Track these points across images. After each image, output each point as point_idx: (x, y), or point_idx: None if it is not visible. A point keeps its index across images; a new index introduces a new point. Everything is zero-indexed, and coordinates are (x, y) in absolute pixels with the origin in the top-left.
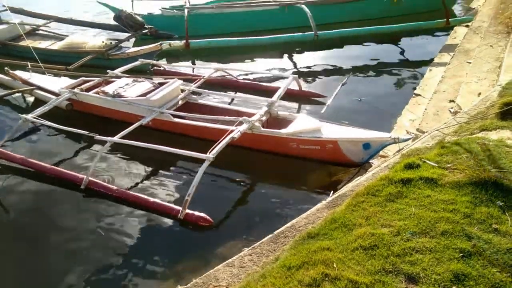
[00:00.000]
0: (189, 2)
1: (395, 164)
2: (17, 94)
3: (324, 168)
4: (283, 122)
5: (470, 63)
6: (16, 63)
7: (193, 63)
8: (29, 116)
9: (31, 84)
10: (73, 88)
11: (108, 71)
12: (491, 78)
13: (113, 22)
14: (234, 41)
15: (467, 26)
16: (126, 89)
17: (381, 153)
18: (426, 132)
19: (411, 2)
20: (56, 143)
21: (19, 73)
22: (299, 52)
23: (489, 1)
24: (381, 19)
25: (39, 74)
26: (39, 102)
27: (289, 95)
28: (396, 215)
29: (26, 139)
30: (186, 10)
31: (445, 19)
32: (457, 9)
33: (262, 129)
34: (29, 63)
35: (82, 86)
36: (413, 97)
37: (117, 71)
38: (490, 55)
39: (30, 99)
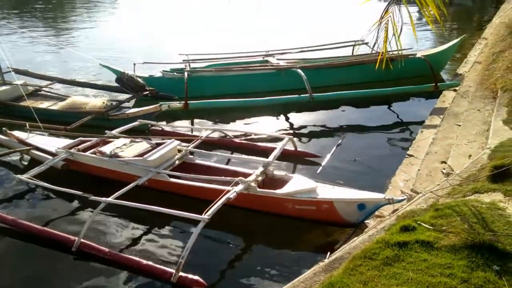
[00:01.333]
0: (189, 65)
1: (391, 226)
2: (14, 154)
3: (320, 228)
4: (279, 183)
5: (459, 125)
6: (16, 122)
7: (192, 123)
8: (24, 177)
9: (28, 144)
10: (70, 148)
11: (106, 131)
12: (480, 141)
13: (114, 84)
14: (231, 102)
15: (455, 90)
16: (124, 149)
17: (376, 213)
18: (420, 193)
19: (401, 68)
20: (50, 203)
21: (16, 133)
22: (295, 113)
23: (475, 68)
24: (373, 83)
25: (37, 134)
26: (36, 162)
27: (284, 156)
28: (394, 279)
29: (19, 200)
30: (186, 73)
31: (434, 84)
32: (445, 74)
33: (258, 189)
34: (27, 123)
35: (79, 146)
36: (406, 157)
37: (115, 132)
38: (478, 118)
39: (28, 158)
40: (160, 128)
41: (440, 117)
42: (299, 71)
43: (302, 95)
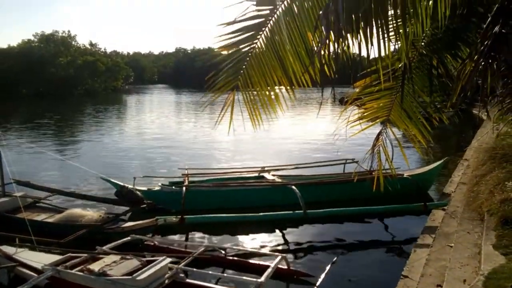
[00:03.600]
0: (187, 180)
1: None
2: (2, 270)
3: None
4: None
5: (451, 247)
6: (8, 235)
7: (187, 236)
8: None
9: (14, 260)
10: (58, 264)
11: (97, 247)
12: (473, 265)
13: (113, 197)
14: (227, 217)
15: (443, 209)
16: (113, 267)
17: None
18: None
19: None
20: None
21: (4, 247)
22: (289, 228)
23: (460, 189)
24: (364, 200)
25: (27, 248)
26: (22, 279)
27: (277, 274)
28: None
29: None
30: (184, 188)
31: (423, 203)
32: (432, 191)
33: None
34: (17, 237)
35: (68, 263)
36: (402, 278)
37: (106, 247)
38: (469, 241)
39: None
40: (153, 243)
41: (432, 237)
42: (294, 187)
43: (296, 211)
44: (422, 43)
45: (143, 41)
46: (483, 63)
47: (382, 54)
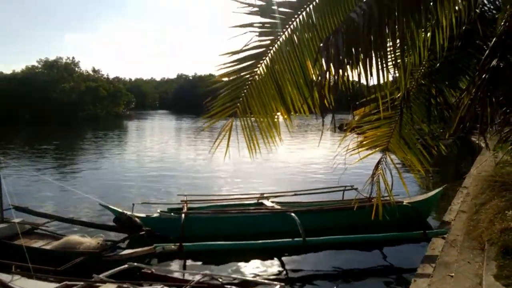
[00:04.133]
0: (186, 206)
1: None
2: None
3: None
4: None
5: (452, 277)
6: (4, 262)
7: (184, 264)
8: None
9: None
10: None
11: (93, 275)
12: None
13: (112, 223)
14: (225, 245)
15: (443, 238)
16: None
17: None
18: None
19: (389, 214)
20: None
21: (0, 275)
22: (289, 256)
23: (460, 217)
24: (363, 226)
25: (24, 276)
26: None
27: None
28: None
29: None
30: (183, 215)
31: (422, 231)
32: (431, 219)
33: None
34: (14, 265)
35: None
36: None
37: (103, 275)
38: (469, 270)
39: None
40: (151, 271)
41: (432, 266)
42: (293, 215)
43: (295, 239)
44: (421, 73)
45: (146, 68)
46: (481, 95)
47: (381, 82)
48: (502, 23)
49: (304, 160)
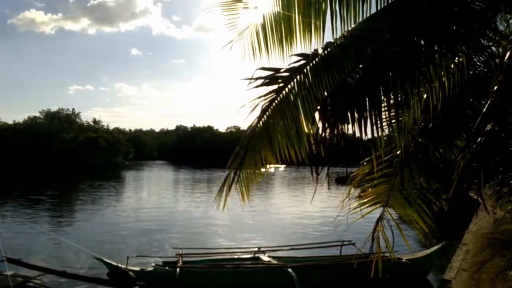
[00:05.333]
0: (181, 260)
1: None
2: None
3: None
4: None
5: None
6: None
7: None
8: None
9: None
10: None
11: None
12: None
13: (105, 277)
14: None
15: None
16: None
17: None
18: None
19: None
20: None
21: None
22: None
23: (461, 275)
24: (363, 283)
25: None
26: None
27: None
28: None
29: None
30: (178, 269)
31: None
32: (431, 276)
33: None
34: None
35: None
36: None
37: None
38: None
39: None
40: None
41: None
42: (290, 270)
43: None
44: (417, 132)
45: (146, 119)
46: (476, 159)
47: (377, 140)
48: (496, 87)
49: (301, 212)
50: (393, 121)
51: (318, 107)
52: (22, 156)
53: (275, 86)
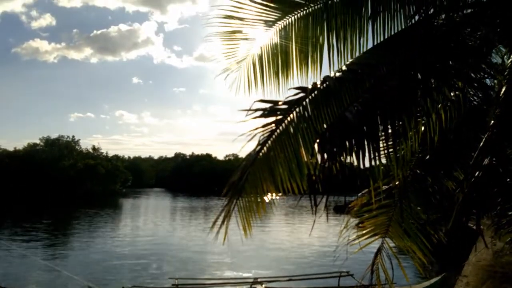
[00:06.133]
0: None
1: None
2: None
3: None
4: None
5: None
6: None
7: None
8: None
9: None
10: None
11: None
12: None
13: None
14: None
15: None
16: None
17: None
18: None
19: None
20: None
21: None
22: None
23: None
24: None
25: None
26: None
27: None
28: None
29: None
30: None
31: None
32: None
33: None
34: None
35: None
36: None
37: None
38: None
39: None
40: None
41: None
42: None
43: None
44: (415, 163)
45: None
46: (474, 193)
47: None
48: (492, 122)
49: (299, 241)
50: (390, 150)
51: (317, 140)
52: (21, 182)
53: (273, 118)
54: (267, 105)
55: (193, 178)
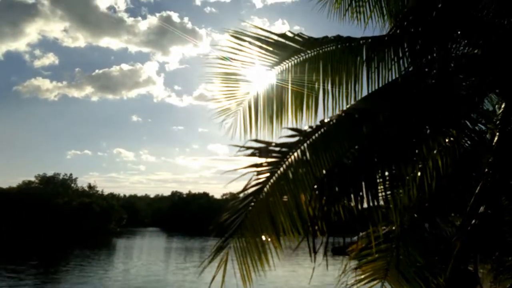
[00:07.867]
0: None
1: None
2: None
3: None
4: None
5: None
6: None
7: None
8: None
9: None
10: None
11: None
12: None
13: None
14: None
15: None
16: None
17: None
18: None
19: None
20: None
21: None
22: None
23: None
24: None
25: None
26: None
27: None
28: None
29: None
30: None
31: None
32: None
33: None
34: None
35: None
36: None
37: None
38: None
39: None
40: None
41: None
42: None
43: None
44: (413, 208)
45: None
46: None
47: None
48: (486, 170)
49: (296, 285)
50: (388, 193)
51: (315, 186)
52: (14, 221)
53: (268, 160)
54: (261, 145)
55: (189, 217)
